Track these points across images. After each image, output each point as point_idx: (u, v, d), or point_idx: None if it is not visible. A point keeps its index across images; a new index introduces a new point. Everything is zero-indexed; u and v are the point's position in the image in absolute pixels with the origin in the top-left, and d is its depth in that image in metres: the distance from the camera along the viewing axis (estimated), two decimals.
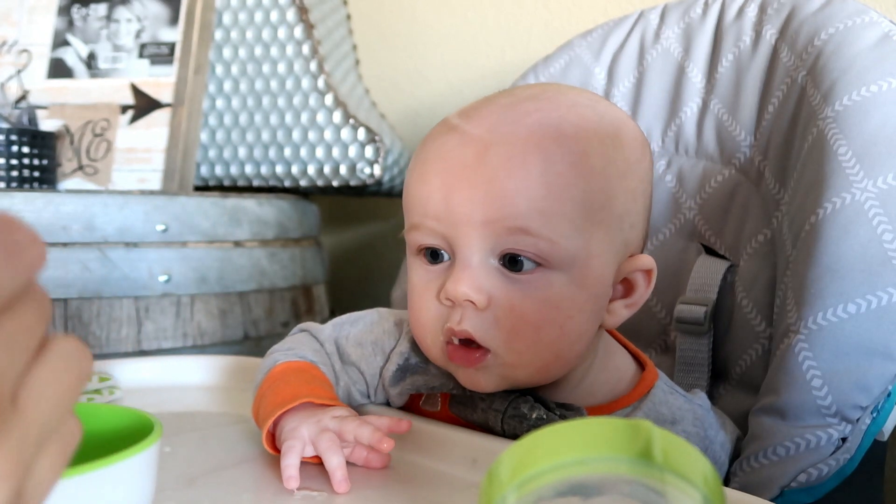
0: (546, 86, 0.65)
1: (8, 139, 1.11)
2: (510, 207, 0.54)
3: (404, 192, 0.62)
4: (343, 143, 1.22)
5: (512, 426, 0.59)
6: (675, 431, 0.59)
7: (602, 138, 0.58)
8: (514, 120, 0.57)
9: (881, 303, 0.62)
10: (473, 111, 0.60)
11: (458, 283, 0.55)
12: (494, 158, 0.55)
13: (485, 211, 0.55)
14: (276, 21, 1.28)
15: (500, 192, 0.54)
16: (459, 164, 0.56)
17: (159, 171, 1.19)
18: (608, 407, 0.61)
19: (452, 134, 0.58)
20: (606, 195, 0.57)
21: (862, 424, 0.62)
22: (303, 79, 1.26)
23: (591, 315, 0.58)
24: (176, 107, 1.20)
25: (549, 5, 1.27)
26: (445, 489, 0.54)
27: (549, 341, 0.56)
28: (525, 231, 0.54)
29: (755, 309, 0.75)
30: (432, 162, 0.58)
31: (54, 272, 0.98)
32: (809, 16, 0.76)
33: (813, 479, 0.61)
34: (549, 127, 0.56)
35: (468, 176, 0.56)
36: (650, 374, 0.63)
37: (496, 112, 0.58)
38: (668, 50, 0.89)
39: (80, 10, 1.28)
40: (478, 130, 0.57)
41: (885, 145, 0.65)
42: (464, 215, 0.55)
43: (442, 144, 0.59)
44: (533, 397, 0.59)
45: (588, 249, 0.56)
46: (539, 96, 0.59)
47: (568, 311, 0.56)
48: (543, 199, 0.54)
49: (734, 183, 0.81)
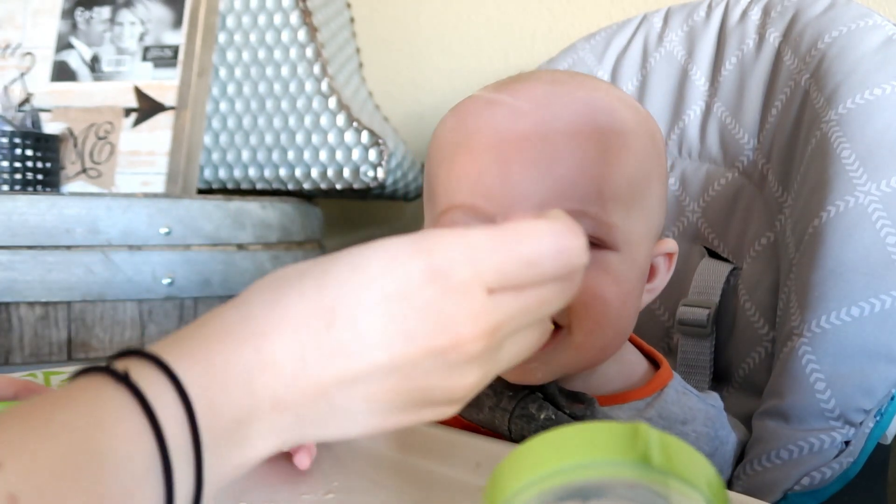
0: (568, 71, 0.64)
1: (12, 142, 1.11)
2: (571, 190, 0.52)
3: (437, 173, 0.58)
4: (346, 146, 1.22)
5: (519, 426, 0.58)
6: (685, 431, 0.59)
7: (642, 119, 0.57)
8: (564, 95, 0.55)
9: (885, 306, 0.62)
10: (513, 86, 0.57)
11: None
12: (556, 135, 0.53)
13: (545, 192, 0.52)
14: (280, 24, 1.28)
15: (562, 172, 0.52)
16: (516, 139, 0.53)
17: (163, 174, 1.19)
18: (620, 396, 0.60)
19: (498, 107, 0.55)
20: (648, 177, 0.56)
21: (865, 428, 0.62)
22: (306, 82, 1.26)
23: (639, 297, 0.58)
24: (179, 110, 1.21)
25: (552, 8, 1.27)
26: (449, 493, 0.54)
27: (615, 317, 0.55)
28: (584, 214, 0.52)
29: (758, 312, 0.75)
30: (481, 136, 0.55)
31: (58, 275, 0.99)
32: (813, 19, 0.76)
33: (816, 483, 0.61)
34: (600, 105, 0.55)
35: (527, 152, 0.53)
36: (665, 373, 0.63)
37: (541, 88, 0.56)
38: (671, 53, 0.89)
39: (83, 13, 1.29)
40: (529, 105, 0.54)
41: (888, 148, 0.65)
42: (522, 195, 0.53)
43: (488, 117, 0.55)
44: (544, 393, 0.58)
45: (636, 230, 0.55)
46: (574, 77, 0.58)
47: (626, 288, 0.55)
48: (603, 180, 0.53)
49: (737, 186, 0.81)
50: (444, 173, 0.57)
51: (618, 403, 0.60)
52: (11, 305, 0.97)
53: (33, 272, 0.98)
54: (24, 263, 0.97)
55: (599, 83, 0.59)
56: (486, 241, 0.37)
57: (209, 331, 0.35)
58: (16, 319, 0.98)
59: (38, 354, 0.99)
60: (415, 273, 0.35)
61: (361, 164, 1.21)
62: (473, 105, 0.57)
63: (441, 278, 0.36)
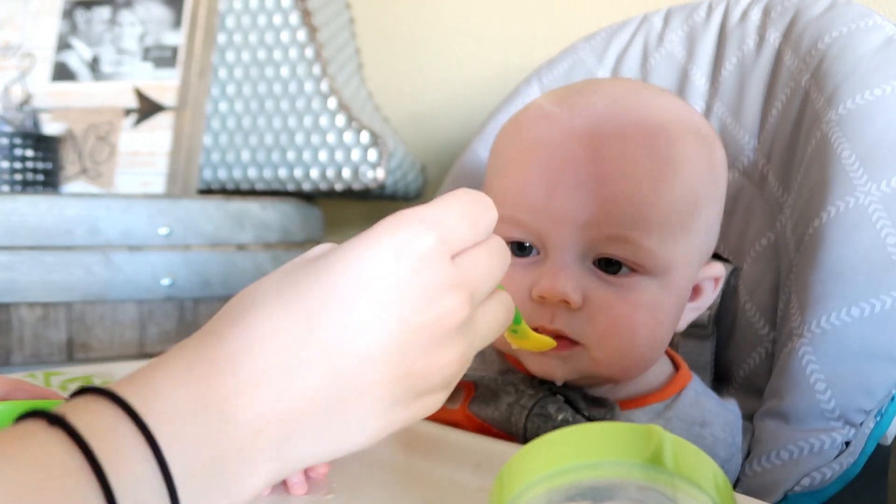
0: (639, 82, 0.63)
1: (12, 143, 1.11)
2: (617, 214, 0.52)
3: (492, 182, 0.58)
4: (346, 146, 1.22)
5: (536, 424, 0.58)
6: (703, 435, 0.59)
7: (701, 143, 0.57)
8: (620, 114, 0.54)
9: (885, 306, 0.61)
10: (572, 99, 0.57)
11: (555, 281, 0.53)
12: (606, 155, 0.53)
13: (590, 213, 0.53)
14: (280, 24, 1.28)
15: (610, 195, 0.52)
16: (565, 156, 0.53)
17: (163, 175, 1.19)
18: (640, 400, 0.60)
19: (552, 122, 0.55)
20: (700, 201, 0.56)
21: (865, 428, 0.62)
22: (306, 82, 1.26)
23: (676, 320, 0.58)
24: (179, 110, 1.21)
25: (552, 9, 1.27)
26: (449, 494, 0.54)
27: (641, 345, 0.55)
28: (626, 240, 0.53)
29: (759, 312, 0.75)
30: (532, 150, 0.55)
31: (58, 275, 0.99)
32: (813, 19, 0.76)
33: (816, 483, 0.61)
34: (656, 127, 0.54)
35: (576, 171, 0.53)
36: (684, 375, 0.63)
37: (599, 103, 0.55)
38: (671, 53, 0.89)
39: (83, 14, 1.29)
40: (582, 121, 0.54)
41: (888, 148, 0.65)
42: (566, 214, 0.53)
43: (542, 132, 0.55)
44: (566, 396, 0.58)
45: (680, 257, 0.55)
46: (640, 93, 0.58)
47: (659, 316, 0.55)
48: (650, 206, 0.53)
49: (738, 187, 0.81)
50: (496, 184, 0.58)
51: (638, 406, 0.60)
52: (11, 306, 0.97)
53: (33, 273, 0.98)
54: (24, 264, 0.97)
55: (668, 102, 0.58)
56: (433, 211, 0.38)
57: (177, 364, 0.33)
58: (16, 320, 0.98)
59: (38, 355, 0.99)
60: (386, 254, 0.35)
61: (361, 164, 1.21)
62: (530, 116, 0.58)
63: (410, 253, 0.36)
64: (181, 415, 0.31)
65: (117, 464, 0.29)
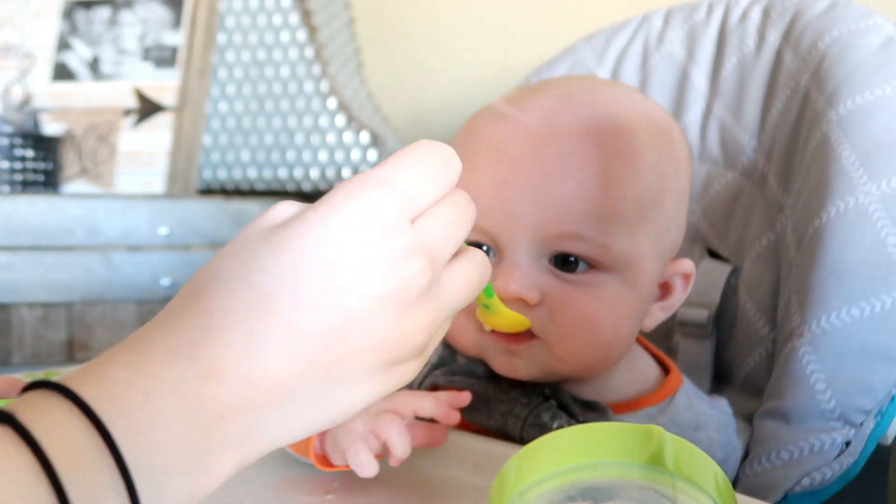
0: (593, 77, 0.63)
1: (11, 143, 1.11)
2: (566, 211, 0.52)
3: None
4: (346, 146, 1.22)
5: (532, 435, 0.57)
6: (699, 437, 0.58)
7: (657, 134, 0.57)
8: (571, 112, 0.54)
9: (885, 306, 0.61)
10: (525, 99, 0.57)
11: (508, 281, 0.53)
12: (552, 154, 0.53)
13: (539, 212, 0.53)
14: (280, 24, 1.28)
15: (557, 193, 0.52)
16: (514, 157, 0.54)
17: (162, 175, 1.19)
18: (634, 404, 0.60)
19: (504, 123, 0.55)
20: (659, 194, 0.56)
21: (866, 428, 0.62)
22: (306, 82, 1.26)
23: (640, 317, 0.57)
24: (179, 110, 1.21)
25: (551, 9, 1.27)
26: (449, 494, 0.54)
27: (605, 342, 0.55)
28: (578, 236, 0.53)
29: (759, 312, 0.75)
30: (483, 153, 0.55)
31: (58, 275, 0.99)
32: (813, 19, 0.76)
33: (817, 483, 0.61)
34: (607, 121, 0.54)
35: (524, 171, 0.53)
36: (675, 378, 0.63)
37: (551, 102, 0.55)
38: (671, 53, 0.89)
39: (83, 14, 1.29)
40: (533, 121, 0.54)
41: (888, 149, 0.65)
42: (516, 214, 0.53)
43: (494, 134, 0.55)
44: (558, 401, 0.58)
45: (640, 251, 0.55)
46: (592, 88, 0.58)
47: (621, 312, 0.55)
48: (600, 201, 0.53)
49: (738, 186, 0.81)
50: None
51: (631, 411, 0.60)
52: (11, 306, 0.97)
53: (33, 273, 0.98)
54: (24, 264, 0.97)
55: (622, 95, 0.58)
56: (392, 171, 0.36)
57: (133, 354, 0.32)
58: (16, 320, 0.98)
59: (38, 355, 0.99)
60: (344, 226, 0.34)
61: (361, 164, 1.22)
62: (483, 118, 0.58)
63: (369, 222, 0.34)
64: (137, 406, 0.30)
65: (70, 461, 0.28)
